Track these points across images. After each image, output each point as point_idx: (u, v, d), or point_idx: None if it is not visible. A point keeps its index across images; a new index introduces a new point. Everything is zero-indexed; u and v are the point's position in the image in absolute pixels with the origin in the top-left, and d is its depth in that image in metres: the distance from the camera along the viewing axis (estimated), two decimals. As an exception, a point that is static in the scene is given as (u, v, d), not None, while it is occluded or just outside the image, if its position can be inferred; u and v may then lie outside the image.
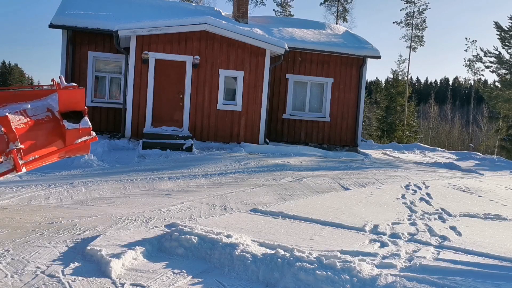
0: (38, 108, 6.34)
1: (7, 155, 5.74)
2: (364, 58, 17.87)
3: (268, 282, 4.62)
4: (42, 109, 6.37)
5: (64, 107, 6.30)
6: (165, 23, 14.15)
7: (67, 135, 6.27)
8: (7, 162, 5.78)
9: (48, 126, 6.26)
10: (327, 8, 49.67)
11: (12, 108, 6.15)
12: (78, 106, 6.44)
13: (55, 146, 6.27)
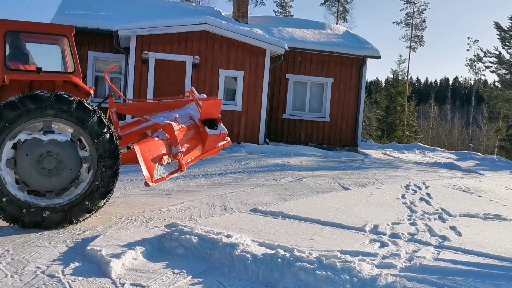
0: (183, 116, 7.14)
1: (174, 157, 6.47)
2: (364, 58, 17.88)
3: (268, 282, 4.62)
4: (186, 117, 7.15)
5: (204, 115, 7.04)
6: (165, 23, 14.15)
7: (208, 140, 7.02)
8: (173, 163, 6.48)
9: (193, 132, 7.01)
10: (327, 8, 49.71)
11: (166, 116, 6.99)
12: (215, 114, 7.20)
13: (197, 150, 7.07)
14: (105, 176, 5.89)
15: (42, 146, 5.61)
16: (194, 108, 7.32)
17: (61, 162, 5.70)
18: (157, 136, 6.45)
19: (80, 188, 5.88)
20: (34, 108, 5.45)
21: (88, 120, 5.74)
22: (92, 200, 5.89)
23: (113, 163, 5.92)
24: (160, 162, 6.22)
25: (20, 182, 5.65)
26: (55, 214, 5.70)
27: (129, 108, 7.48)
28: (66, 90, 6.05)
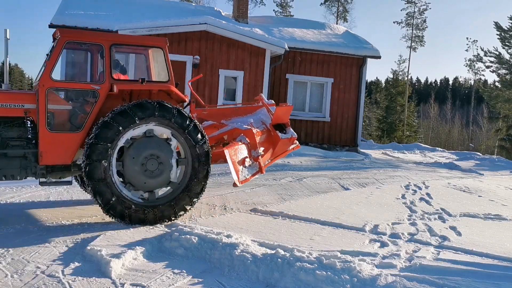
0: (256, 121, 7.61)
1: (255, 160, 7.04)
2: (364, 58, 17.87)
3: (268, 282, 4.62)
4: (259, 122, 7.62)
5: (275, 120, 7.58)
6: (165, 23, 14.14)
7: (280, 143, 7.52)
8: (254, 165, 7.06)
9: (266, 136, 7.47)
10: (327, 8, 49.66)
11: (241, 121, 7.51)
12: (285, 120, 7.74)
13: (269, 153, 7.54)
14: (198, 177, 6.41)
15: (147, 149, 6.13)
16: (265, 113, 7.81)
17: (162, 164, 6.20)
18: (240, 140, 6.93)
19: (174, 189, 6.40)
20: (141, 115, 5.95)
21: (186, 126, 6.26)
22: (187, 198, 6.38)
23: (206, 165, 6.43)
24: (243, 164, 6.77)
25: (127, 183, 6.13)
26: (155, 212, 6.18)
27: (208, 114, 7.78)
28: (160, 98, 6.47)
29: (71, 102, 6.31)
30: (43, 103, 5.85)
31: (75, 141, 6.06)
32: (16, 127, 6.06)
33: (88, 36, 6.58)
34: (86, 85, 6.31)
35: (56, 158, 6.05)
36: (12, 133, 6.04)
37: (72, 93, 6.31)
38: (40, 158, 5.97)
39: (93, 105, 6.10)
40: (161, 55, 6.61)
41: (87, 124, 6.08)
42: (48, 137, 5.90)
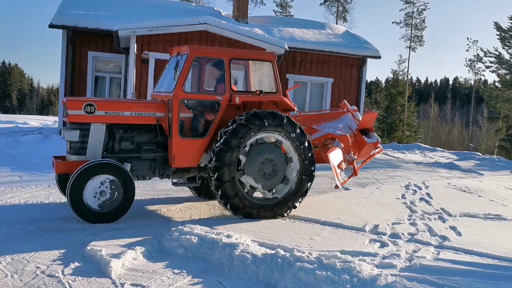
0: (344, 126, 8.04)
1: (349, 163, 7.61)
2: (364, 58, 17.87)
3: (268, 282, 4.62)
4: (346, 127, 8.04)
5: (362, 126, 8.08)
6: (165, 23, 14.13)
7: (366, 147, 7.99)
8: (349, 168, 7.66)
9: (354, 141, 7.92)
10: (327, 8, 49.68)
11: (330, 126, 7.99)
12: (369, 125, 8.26)
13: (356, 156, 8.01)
14: (305, 178, 7.00)
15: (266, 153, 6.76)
16: (350, 119, 8.27)
17: (275, 167, 6.84)
18: (336, 145, 7.48)
19: (286, 188, 6.98)
20: (258, 124, 6.57)
21: (294, 132, 6.82)
22: (295, 198, 6.99)
23: (311, 167, 7.03)
24: (340, 168, 7.34)
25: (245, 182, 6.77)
26: (269, 210, 6.80)
27: (301, 119, 8.11)
28: (268, 107, 7.04)
29: (197, 112, 6.91)
30: (176, 113, 6.52)
31: (201, 146, 6.73)
32: (147, 133, 6.80)
33: (212, 52, 7.22)
34: (212, 96, 6.95)
35: (186, 162, 6.72)
36: (144, 138, 6.80)
37: (197, 103, 6.91)
38: (172, 161, 6.63)
39: (215, 114, 6.76)
40: (270, 68, 7.18)
41: (211, 131, 6.74)
42: (180, 143, 6.59)
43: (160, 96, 7.02)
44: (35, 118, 29.42)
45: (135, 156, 6.72)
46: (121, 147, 6.68)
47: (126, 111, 6.60)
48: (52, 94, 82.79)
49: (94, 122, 6.40)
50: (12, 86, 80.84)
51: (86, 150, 6.41)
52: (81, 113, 6.34)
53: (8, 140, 12.91)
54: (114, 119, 6.54)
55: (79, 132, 6.39)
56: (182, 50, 6.99)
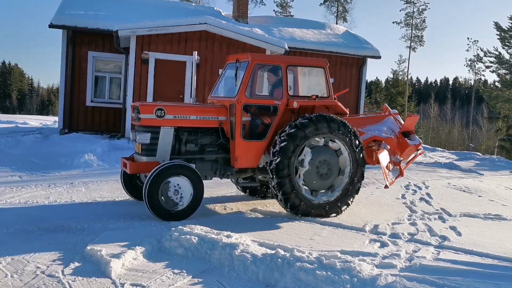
0: (388, 129, 8.36)
1: (395, 164, 7.97)
2: (364, 58, 17.88)
3: (268, 282, 4.62)
4: (389, 130, 8.35)
5: (404, 129, 8.39)
6: (165, 23, 14.13)
7: (408, 149, 8.26)
8: (396, 169, 7.96)
9: (397, 143, 8.20)
10: (327, 8, 49.73)
11: (375, 129, 8.29)
12: (411, 128, 8.56)
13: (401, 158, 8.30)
14: (357, 178, 7.32)
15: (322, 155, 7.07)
16: (392, 122, 8.58)
17: (330, 167, 7.16)
18: (384, 147, 7.83)
19: (340, 188, 7.27)
20: (316, 127, 6.90)
21: (349, 135, 7.14)
22: (348, 196, 7.29)
23: (362, 168, 7.35)
24: (388, 169, 7.75)
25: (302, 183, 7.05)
26: (323, 209, 7.09)
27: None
28: (321, 111, 7.37)
29: (257, 116, 7.27)
30: (239, 117, 6.90)
31: (261, 148, 7.10)
32: (210, 136, 7.20)
33: (271, 59, 7.62)
34: (271, 101, 7.21)
35: (247, 163, 7.11)
36: (207, 140, 7.21)
37: (258, 108, 7.25)
38: (235, 163, 7.01)
39: (274, 117, 7.13)
40: (322, 73, 7.51)
41: (269, 134, 7.09)
42: (242, 145, 6.97)
43: (220, 101, 7.40)
44: (35, 118, 29.45)
45: (199, 158, 7.15)
46: (186, 149, 7.12)
47: (192, 115, 7.01)
48: (52, 94, 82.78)
49: (163, 126, 6.81)
50: (12, 86, 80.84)
51: (156, 152, 6.82)
52: (153, 117, 6.75)
53: (8, 140, 12.91)
54: (182, 123, 6.95)
55: (150, 135, 6.78)
56: (243, 57, 7.33)
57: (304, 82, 7.66)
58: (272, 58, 7.66)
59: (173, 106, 7.09)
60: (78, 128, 15.54)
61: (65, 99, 15.57)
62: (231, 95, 7.12)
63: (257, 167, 7.28)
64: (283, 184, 6.78)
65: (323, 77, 7.49)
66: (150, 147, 6.81)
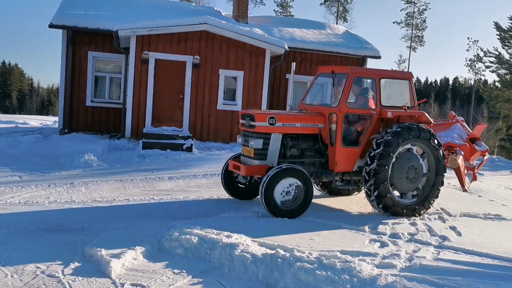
0: (458, 136, 8.86)
1: (468, 169, 8.69)
2: (364, 58, 17.87)
3: (268, 282, 4.62)
4: (458, 137, 8.84)
5: (472, 135, 8.91)
6: (165, 23, 14.12)
7: (475, 155, 8.85)
8: (469, 174, 8.69)
9: (467, 148, 8.74)
10: (327, 8, 49.74)
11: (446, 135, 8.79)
12: (479, 135, 9.10)
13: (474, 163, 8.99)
14: (438, 182, 7.83)
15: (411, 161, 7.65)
16: (460, 128, 9.06)
17: (417, 172, 7.69)
18: (459, 153, 8.45)
19: (423, 191, 7.82)
20: (409, 135, 7.46)
21: (434, 142, 7.70)
22: (429, 199, 7.81)
23: (443, 173, 7.88)
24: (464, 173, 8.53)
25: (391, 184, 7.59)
26: (411, 209, 7.63)
27: None
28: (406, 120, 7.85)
29: (354, 124, 7.79)
30: (340, 125, 7.47)
31: (356, 154, 7.69)
32: (309, 141, 7.80)
33: (367, 72, 8.24)
34: (367, 110, 7.75)
35: (345, 167, 7.68)
36: (307, 145, 7.80)
37: (355, 117, 7.78)
38: (335, 167, 7.60)
39: (368, 125, 7.72)
40: (407, 85, 8.13)
41: (364, 140, 7.68)
42: (342, 150, 7.54)
43: (316, 109, 8.02)
44: (35, 118, 29.43)
45: (299, 161, 7.71)
46: (290, 153, 7.70)
47: (297, 123, 7.65)
48: (52, 94, 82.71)
49: (274, 132, 7.46)
50: (12, 86, 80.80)
51: (267, 156, 7.46)
52: (266, 124, 7.40)
53: (8, 140, 12.91)
54: (288, 130, 7.58)
55: (263, 141, 7.43)
56: (339, 70, 8.12)
57: (385, 92, 8.14)
58: (367, 71, 8.24)
59: (282, 114, 7.71)
60: (78, 128, 15.53)
61: (65, 99, 15.56)
62: (327, 103, 7.91)
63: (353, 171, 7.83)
64: (379, 187, 7.32)
65: (408, 88, 8.13)
66: (261, 152, 7.45)
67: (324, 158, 7.82)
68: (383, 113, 7.66)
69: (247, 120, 7.60)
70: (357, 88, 8.02)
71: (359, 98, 7.96)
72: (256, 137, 7.43)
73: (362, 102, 7.90)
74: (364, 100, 7.90)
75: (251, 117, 7.51)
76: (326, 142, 7.72)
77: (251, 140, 7.41)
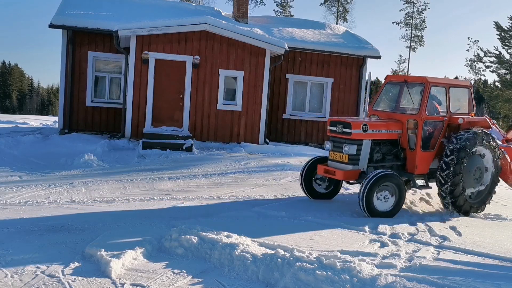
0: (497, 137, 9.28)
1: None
2: (364, 58, 17.86)
3: (268, 282, 4.62)
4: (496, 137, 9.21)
5: (507, 138, 9.55)
6: (165, 23, 14.11)
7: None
8: None
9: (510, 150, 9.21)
10: (327, 8, 49.74)
11: None
12: None
13: None
14: (497, 180, 8.54)
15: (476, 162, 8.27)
16: (496, 131, 9.47)
17: (481, 173, 8.34)
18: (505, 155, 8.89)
19: (484, 190, 8.43)
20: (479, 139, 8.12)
21: (494, 145, 8.39)
22: (488, 197, 8.46)
23: (499, 173, 8.56)
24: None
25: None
26: (475, 207, 8.25)
27: None
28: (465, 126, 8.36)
29: (429, 130, 8.34)
30: (420, 131, 8.08)
31: (431, 157, 8.33)
32: (388, 146, 8.35)
33: (440, 82, 8.59)
34: (441, 117, 8.40)
35: (423, 169, 8.29)
36: (386, 150, 8.36)
37: (431, 123, 8.32)
38: (415, 169, 8.19)
39: (440, 131, 8.36)
40: (466, 93, 8.79)
41: (437, 145, 8.33)
42: (421, 155, 8.17)
43: (392, 115, 8.57)
44: (35, 118, 29.42)
45: (381, 165, 8.25)
46: (375, 158, 8.26)
47: (383, 129, 8.22)
48: (52, 94, 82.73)
49: (365, 139, 7.99)
50: (12, 86, 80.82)
51: (359, 161, 7.98)
52: (360, 131, 7.91)
53: (8, 140, 12.90)
54: (376, 136, 8.13)
55: (356, 147, 7.93)
56: (412, 79, 8.82)
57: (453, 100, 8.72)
58: (440, 80, 8.74)
59: (372, 122, 8.28)
60: (78, 128, 15.53)
61: (65, 99, 15.55)
62: (401, 110, 8.57)
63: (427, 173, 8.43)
64: (454, 188, 7.89)
65: (467, 96, 8.79)
66: (355, 157, 7.98)
67: (400, 161, 8.39)
68: (453, 119, 8.33)
69: (339, 127, 8.05)
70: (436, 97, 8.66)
71: (430, 105, 8.43)
72: (351, 144, 7.90)
73: (432, 109, 8.47)
74: (433, 107, 8.48)
75: (346, 124, 7.98)
76: (404, 147, 8.32)
77: (345, 146, 7.88)
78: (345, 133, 7.93)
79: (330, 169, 8.09)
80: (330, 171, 8.08)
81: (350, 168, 7.98)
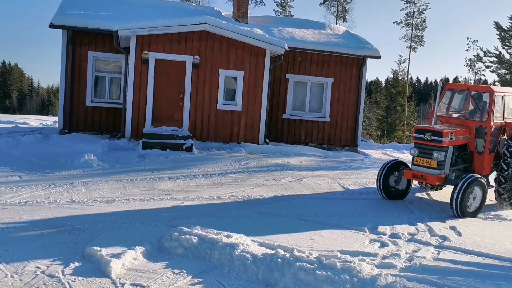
0: None
1: None
2: (364, 58, 17.85)
3: (268, 282, 4.62)
4: None
5: None
6: (165, 23, 14.10)
7: None
8: None
9: None
10: (327, 8, 49.62)
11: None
12: None
13: None
14: None
15: None
16: None
17: None
18: None
19: None
20: None
21: None
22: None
23: None
24: None
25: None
26: None
27: None
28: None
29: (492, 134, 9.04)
30: (489, 136, 8.91)
31: (492, 160, 9.22)
32: (459, 150, 9.03)
33: (502, 90, 9.32)
34: (500, 123, 9.11)
35: (488, 170, 9.18)
36: (458, 154, 9.04)
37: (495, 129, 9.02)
38: (483, 171, 8.98)
39: (499, 135, 9.16)
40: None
41: (496, 148, 9.12)
42: (488, 157, 9.04)
43: (460, 122, 9.27)
44: (35, 118, 29.43)
45: (455, 168, 8.97)
46: (451, 162, 8.90)
47: (460, 136, 8.87)
48: (52, 94, 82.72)
49: (450, 145, 8.68)
50: (12, 86, 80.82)
51: (444, 166, 8.65)
52: (448, 139, 8.57)
53: (8, 140, 12.90)
54: (456, 142, 8.83)
55: (444, 153, 8.61)
56: (475, 88, 9.84)
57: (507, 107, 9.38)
58: (500, 89, 9.43)
59: (454, 130, 8.85)
60: (78, 128, 15.52)
61: (65, 99, 15.55)
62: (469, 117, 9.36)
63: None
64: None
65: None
66: (442, 163, 8.62)
67: (466, 163, 9.15)
68: (509, 124, 9.16)
69: (428, 135, 8.65)
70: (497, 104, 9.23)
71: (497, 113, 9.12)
72: (440, 150, 8.56)
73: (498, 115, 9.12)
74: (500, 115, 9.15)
75: (436, 133, 8.61)
76: (471, 150, 9.07)
77: (435, 153, 8.53)
78: (434, 140, 8.55)
79: (418, 173, 8.69)
80: (418, 176, 8.70)
81: (437, 173, 8.57)
